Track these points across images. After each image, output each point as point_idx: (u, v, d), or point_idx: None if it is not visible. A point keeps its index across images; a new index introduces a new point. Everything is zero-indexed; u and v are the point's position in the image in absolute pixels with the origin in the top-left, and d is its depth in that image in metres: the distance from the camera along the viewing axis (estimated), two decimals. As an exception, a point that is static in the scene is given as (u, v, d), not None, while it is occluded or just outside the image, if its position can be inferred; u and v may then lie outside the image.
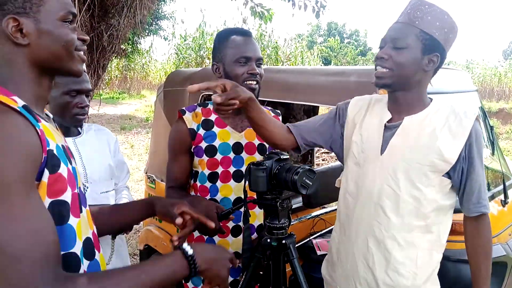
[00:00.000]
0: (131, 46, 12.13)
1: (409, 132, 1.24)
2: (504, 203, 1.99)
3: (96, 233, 0.91)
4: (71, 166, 0.82)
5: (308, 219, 2.55)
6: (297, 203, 2.81)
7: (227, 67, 1.42)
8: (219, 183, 1.45)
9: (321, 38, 39.63)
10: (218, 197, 1.45)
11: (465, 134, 1.19)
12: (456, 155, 1.19)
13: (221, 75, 1.45)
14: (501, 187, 2.02)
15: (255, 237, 1.48)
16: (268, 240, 1.25)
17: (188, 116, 1.48)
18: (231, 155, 1.45)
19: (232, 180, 1.45)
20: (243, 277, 1.27)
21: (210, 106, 1.52)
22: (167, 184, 1.52)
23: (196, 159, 1.47)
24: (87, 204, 0.91)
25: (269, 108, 1.64)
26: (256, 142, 1.49)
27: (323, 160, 7.14)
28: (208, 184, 1.46)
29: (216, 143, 1.45)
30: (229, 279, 1.47)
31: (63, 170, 0.77)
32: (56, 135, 0.82)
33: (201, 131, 1.46)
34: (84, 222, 0.85)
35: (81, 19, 2.45)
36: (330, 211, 2.70)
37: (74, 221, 0.80)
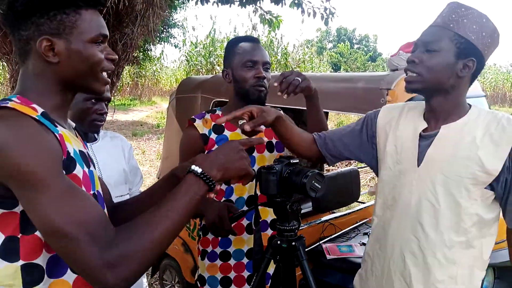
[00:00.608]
0: (142, 54, 12.31)
1: (447, 142, 1.17)
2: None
3: None
4: (87, 169, 0.88)
5: (318, 224, 2.57)
6: (307, 208, 2.84)
7: (235, 72, 1.48)
8: (233, 184, 1.50)
9: (331, 43, 39.67)
10: (233, 197, 1.50)
11: (509, 142, 1.11)
12: (500, 165, 1.11)
13: (230, 80, 1.51)
14: None
15: (270, 233, 1.52)
16: (278, 242, 1.28)
17: (199, 123, 1.54)
18: None
19: None
20: (254, 278, 1.30)
21: (219, 112, 1.57)
22: None
23: None
24: (105, 206, 0.97)
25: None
26: (265, 139, 1.53)
27: (334, 166, 7.14)
28: (223, 186, 1.51)
29: None
30: (246, 274, 1.52)
31: (78, 171, 0.84)
32: (74, 141, 0.89)
33: (213, 136, 1.51)
34: None
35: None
36: (340, 216, 2.72)
37: None
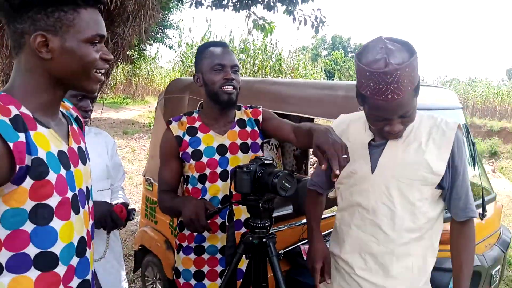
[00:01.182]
0: (137, 53, 12.34)
1: (396, 149, 1.28)
2: (482, 216, 2.08)
3: (90, 231, 0.99)
4: (66, 171, 0.89)
5: (298, 225, 2.64)
6: (287, 210, 2.91)
7: (205, 76, 1.54)
8: (207, 184, 1.55)
9: (326, 51, 39.99)
10: (207, 196, 1.55)
11: (449, 145, 1.25)
12: (444, 166, 1.25)
13: (201, 84, 1.57)
14: (479, 201, 2.11)
15: (244, 231, 1.57)
16: (250, 239, 1.34)
17: (174, 125, 1.60)
18: (216, 156, 1.56)
19: (219, 180, 1.55)
20: (226, 272, 1.36)
21: (195, 115, 1.63)
22: (159, 188, 1.62)
23: (186, 164, 1.58)
24: (89, 202, 0.99)
25: (248, 105, 1.70)
26: (239, 142, 1.59)
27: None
28: (199, 186, 1.57)
29: (201, 147, 1.56)
30: (219, 269, 1.57)
31: (51, 177, 0.84)
32: (55, 141, 0.88)
33: (187, 138, 1.57)
34: (80, 222, 0.93)
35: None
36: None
37: (58, 224, 0.87)
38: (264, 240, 1.34)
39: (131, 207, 1.63)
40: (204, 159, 1.55)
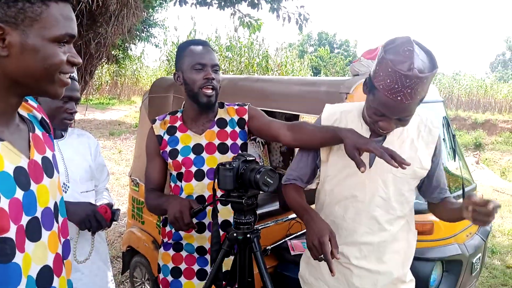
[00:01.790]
0: (122, 52, 12.21)
1: (393, 145, 1.32)
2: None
3: (62, 253, 0.86)
4: (24, 192, 0.75)
5: (285, 221, 2.66)
6: (274, 206, 2.93)
7: (185, 75, 1.53)
8: (183, 183, 1.56)
9: (312, 47, 40.13)
10: (183, 195, 1.55)
11: (434, 141, 1.38)
12: (430, 161, 1.37)
13: (181, 83, 1.56)
14: (460, 191, 2.16)
15: (221, 233, 1.58)
16: (235, 235, 1.36)
17: (157, 125, 1.61)
18: (191, 156, 1.55)
19: (193, 179, 1.55)
20: (212, 269, 1.37)
21: (178, 114, 1.63)
22: (146, 187, 1.63)
23: (168, 163, 1.59)
24: (58, 219, 0.86)
25: (235, 103, 1.68)
26: (217, 142, 1.58)
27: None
28: (179, 184, 1.58)
29: (179, 146, 1.57)
30: (196, 267, 1.58)
31: (3, 203, 0.71)
32: (11, 156, 0.75)
33: (166, 137, 1.58)
34: (41, 250, 0.79)
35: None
36: (306, 214, 2.82)
37: (19, 257, 0.74)
38: (248, 235, 1.35)
39: (116, 207, 1.63)
40: (180, 158, 1.55)
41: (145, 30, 12.97)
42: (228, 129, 1.61)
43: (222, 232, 1.47)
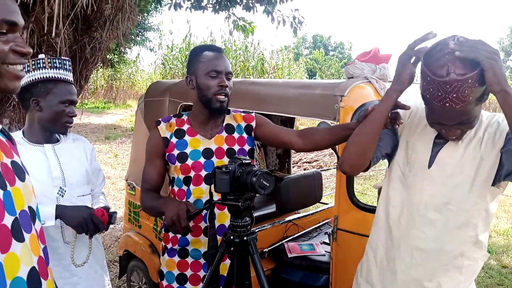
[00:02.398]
0: (117, 56, 12.22)
1: (457, 146, 1.25)
2: None
3: (44, 257, 0.84)
4: (3, 191, 0.73)
5: (281, 224, 2.67)
6: (271, 208, 2.94)
7: (198, 80, 1.54)
8: (192, 186, 1.57)
9: (307, 50, 40.28)
10: (191, 199, 1.57)
11: (503, 135, 1.20)
12: (498, 158, 1.20)
13: (193, 87, 1.58)
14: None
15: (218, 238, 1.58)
16: (231, 237, 1.36)
17: (162, 126, 1.61)
18: (202, 160, 1.57)
19: (203, 183, 1.57)
20: (209, 271, 1.38)
21: (184, 117, 1.64)
22: (142, 187, 1.63)
23: (171, 166, 1.59)
24: (36, 223, 0.83)
25: (241, 110, 1.73)
26: (225, 147, 1.61)
27: (301, 168, 7.29)
28: (184, 188, 1.58)
29: (187, 150, 1.57)
30: (202, 274, 1.59)
31: None
32: None
33: (174, 140, 1.59)
34: (26, 251, 0.76)
35: (65, 32, 2.57)
36: (303, 217, 2.83)
37: (0, 258, 0.71)
38: (245, 238, 1.36)
39: (112, 211, 1.63)
40: (189, 161, 1.56)
41: (140, 34, 12.98)
42: (236, 135, 1.64)
43: (219, 237, 1.47)
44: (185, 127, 1.62)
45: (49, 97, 1.54)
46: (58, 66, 1.58)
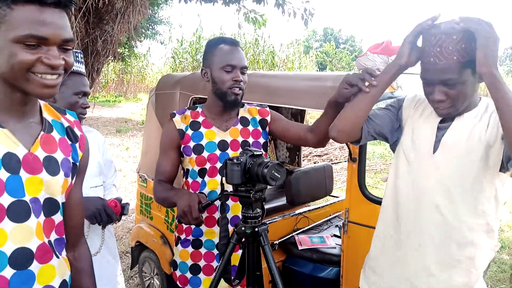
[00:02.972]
0: (127, 50, 12.28)
1: (461, 130, 1.24)
2: None
3: (50, 244, 0.90)
4: (10, 174, 0.82)
5: (292, 216, 2.67)
6: (281, 201, 2.94)
7: (214, 73, 1.55)
8: (207, 178, 1.58)
9: (317, 43, 39.96)
10: (206, 190, 1.58)
11: None
12: (502, 144, 1.17)
13: (208, 79, 1.58)
14: None
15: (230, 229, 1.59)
16: (243, 228, 1.37)
17: (177, 119, 1.62)
18: (217, 152, 1.58)
19: (218, 175, 1.58)
20: (220, 261, 1.39)
21: (199, 109, 1.65)
22: (156, 178, 1.64)
23: (186, 158, 1.60)
24: (53, 214, 0.90)
25: (255, 104, 1.75)
26: (240, 139, 1.62)
27: (311, 162, 7.27)
28: (199, 179, 1.60)
29: (203, 142, 1.58)
30: (215, 264, 1.60)
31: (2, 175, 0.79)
32: (6, 142, 0.83)
33: (189, 132, 1.60)
34: (21, 232, 0.83)
35: (77, 25, 2.58)
36: (313, 209, 2.83)
37: None
38: (256, 229, 1.36)
39: (125, 202, 1.65)
40: (205, 153, 1.57)
41: (150, 27, 13.02)
42: (250, 127, 1.65)
43: (231, 228, 1.48)
44: (200, 119, 1.62)
45: (62, 88, 1.56)
46: None
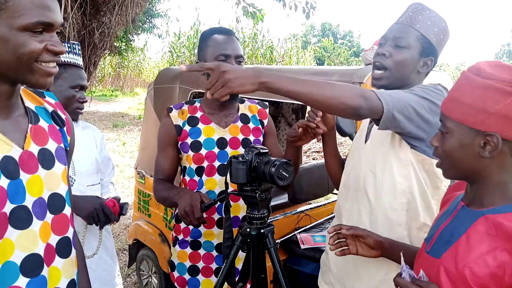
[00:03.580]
0: (124, 44, 12.13)
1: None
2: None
3: (55, 244, 0.85)
4: (10, 180, 0.76)
5: (294, 214, 2.61)
6: (283, 199, 2.88)
7: None
8: (204, 177, 1.51)
9: (315, 38, 39.81)
10: (203, 190, 1.51)
11: None
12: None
13: (203, 72, 1.51)
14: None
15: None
16: (248, 230, 1.31)
17: (174, 114, 1.55)
18: (216, 150, 1.51)
19: (216, 174, 1.51)
20: (224, 264, 1.33)
21: (197, 104, 1.58)
22: (155, 177, 1.58)
23: (183, 155, 1.53)
24: (61, 210, 0.86)
25: (256, 101, 1.68)
26: (241, 137, 1.55)
27: (313, 159, 7.23)
28: (196, 178, 1.53)
29: (201, 138, 1.51)
30: (214, 266, 1.54)
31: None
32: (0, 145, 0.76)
33: (187, 127, 1.52)
34: (27, 238, 0.79)
35: (73, 16, 2.50)
36: (315, 207, 2.77)
37: None
38: (262, 231, 1.30)
39: (123, 200, 1.59)
40: (203, 151, 1.51)
41: (147, 20, 12.87)
42: (251, 125, 1.59)
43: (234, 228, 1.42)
44: (198, 114, 1.55)
45: (58, 81, 1.48)
46: (67, 50, 1.52)
